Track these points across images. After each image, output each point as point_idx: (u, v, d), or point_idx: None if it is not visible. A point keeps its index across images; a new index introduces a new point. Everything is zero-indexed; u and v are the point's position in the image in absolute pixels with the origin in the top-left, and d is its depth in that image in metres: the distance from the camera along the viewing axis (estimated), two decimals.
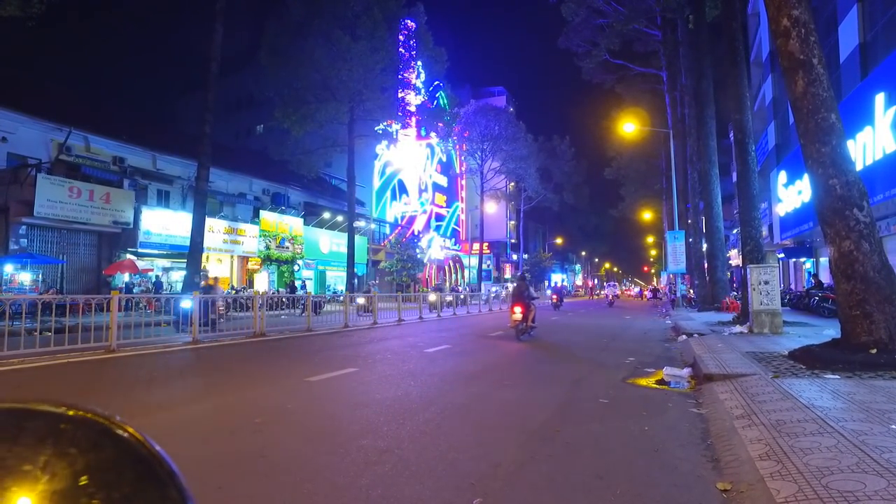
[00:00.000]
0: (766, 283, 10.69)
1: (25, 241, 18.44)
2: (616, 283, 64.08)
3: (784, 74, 6.99)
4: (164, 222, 21.93)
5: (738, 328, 11.50)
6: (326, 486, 3.12)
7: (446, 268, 51.15)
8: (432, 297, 18.31)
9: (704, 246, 23.29)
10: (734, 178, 22.22)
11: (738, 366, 6.60)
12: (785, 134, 23.25)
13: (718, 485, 3.08)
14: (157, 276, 21.07)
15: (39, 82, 24.81)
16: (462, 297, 25.14)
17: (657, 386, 6.41)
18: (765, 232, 21.90)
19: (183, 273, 19.60)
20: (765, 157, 26.89)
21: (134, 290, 19.59)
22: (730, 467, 3.33)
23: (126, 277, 20.45)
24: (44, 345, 8.36)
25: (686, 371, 7.05)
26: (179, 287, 20.57)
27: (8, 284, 17.31)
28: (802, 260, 25.44)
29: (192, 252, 17.78)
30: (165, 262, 23.16)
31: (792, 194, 19.35)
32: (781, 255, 26.35)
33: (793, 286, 26.62)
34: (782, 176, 20.93)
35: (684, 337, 11.36)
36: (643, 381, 6.64)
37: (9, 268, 17.86)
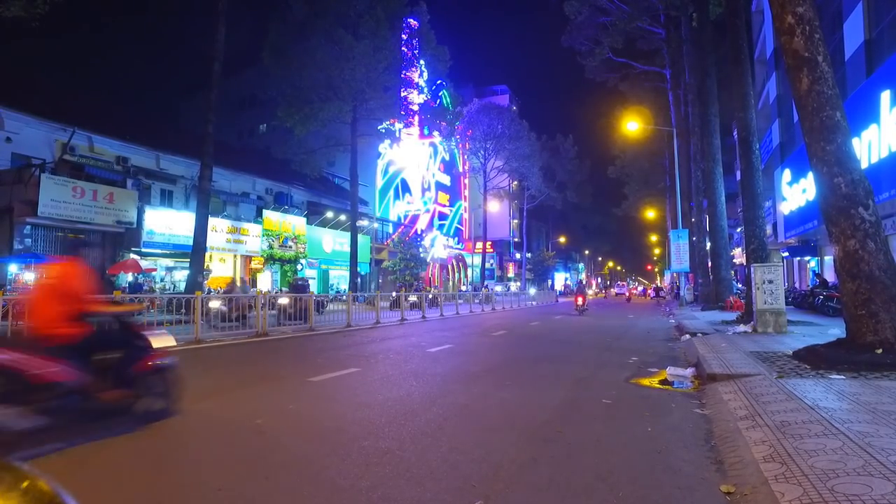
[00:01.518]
0: (771, 281, 10.62)
1: (30, 240, 18.51)
2: (625, 284, 75.06)
3: (788, 72, 6.93)
4: (168, 222, 21.98)
5: (741, 327, 11.44)
6: (327, 487, 3.11)
7: (449, 267, 51.13)
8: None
9: (708, 244, 23.22)
10: (738, 177, 22.20)
11: (741, 366, 6.55)
12: (789, 132, 23.13)
13: (722, 487, 3.05)
14: (134, 277, 20.30)
15: (43, 83, 24.88)
16: (431, 296, 24.83)
17: (660, 386, 6.37)
18: (769, 230, 21.79)
19: (186, 272, 19.64)
20: (769, 155, 26.77)
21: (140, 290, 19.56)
22: (734, 469, 3.30)
23: (129, 277, 20.51)
24: None
25: (689, 371, 7.01)
26: (182, 287, 20.60)
27: (12, 284, 17.38)
28: (807, 259, 25.32)
29: (196, 252, 17.82)
30: (169, 262, 23.22)
31: (796, 192, 19.23)
32: (786, 254, 26.24)
33: (797, 285, 26.49)
34: (786, 174, 20.81)
35: (688, 336, 11.30)
36: (646, 381, 6.60)
37: (13, 267, 17.94)
